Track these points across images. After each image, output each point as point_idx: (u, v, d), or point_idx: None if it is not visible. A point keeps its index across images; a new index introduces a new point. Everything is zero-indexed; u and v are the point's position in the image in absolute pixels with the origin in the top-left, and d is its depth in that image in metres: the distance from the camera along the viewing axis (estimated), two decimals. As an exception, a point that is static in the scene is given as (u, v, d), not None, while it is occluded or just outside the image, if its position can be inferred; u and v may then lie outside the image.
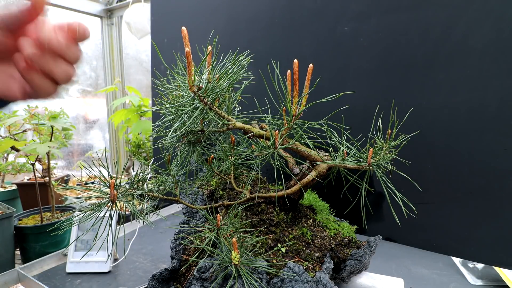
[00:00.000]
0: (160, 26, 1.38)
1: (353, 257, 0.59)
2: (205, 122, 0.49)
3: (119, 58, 2.58)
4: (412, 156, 0.81)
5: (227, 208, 0.60)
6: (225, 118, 0.49)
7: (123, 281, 0.77)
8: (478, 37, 0.76)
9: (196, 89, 0.44)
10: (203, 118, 0.48)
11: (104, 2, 2.48)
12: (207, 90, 0.44)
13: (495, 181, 0.77)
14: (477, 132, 0.78)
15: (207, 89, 0.44)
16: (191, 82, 0.43)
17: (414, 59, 0.84)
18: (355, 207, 0.58)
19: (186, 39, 0.42)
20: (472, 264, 0.81)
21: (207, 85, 0.44)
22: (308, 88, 0.45)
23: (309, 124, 0.47)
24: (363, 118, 0.69)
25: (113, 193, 0.45)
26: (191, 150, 0.50)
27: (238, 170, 0.62)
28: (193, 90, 0.44)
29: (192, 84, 0.43)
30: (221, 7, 1.17)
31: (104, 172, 0.48)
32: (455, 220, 0.83)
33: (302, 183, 0.56)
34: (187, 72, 0.42)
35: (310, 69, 0.44)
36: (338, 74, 0.95)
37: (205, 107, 0.45)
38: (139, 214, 0.51)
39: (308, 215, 0.65)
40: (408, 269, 0.81)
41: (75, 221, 0.47)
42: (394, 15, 0.85)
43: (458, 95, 0.79)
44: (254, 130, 0.51)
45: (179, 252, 0.60)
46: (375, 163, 0.49)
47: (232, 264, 0.44)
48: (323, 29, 0.96)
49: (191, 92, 0.44)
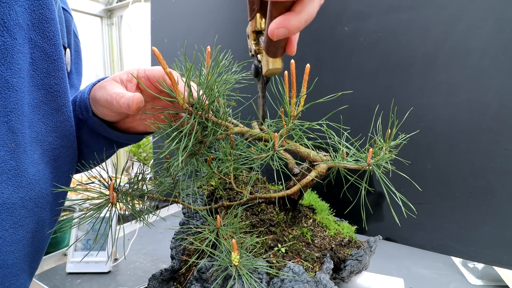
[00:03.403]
0: (160, 26, 1.38)
1: (353, 257, 0.59)
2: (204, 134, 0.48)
3: (119, 58, 2.58)
4: (412, 156, 0.81)
5: (227, 209, 0.60)
6: (223, 125, 0.48)
7: (123, 281, 0.77)
8: (478, 37, 0.76)
9: (188, 106, 0.42)
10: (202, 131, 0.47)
11: (104, 2, 2.48)
12: (200, 103, 0.43)
13: (495, 181, 0.77)
14: (477, 132, 0.78)
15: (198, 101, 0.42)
16: (181, 101, 0.41)
17: (414, 59, 0.84)
18: (355, 207, 0.58)
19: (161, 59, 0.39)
20: (472, 264, 0.81)
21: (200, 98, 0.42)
22: (306, 89, 0.44)
23: (308, 124, 0.47)
24: (362, 118, 0.69)
25: (113, 195, 0.45)
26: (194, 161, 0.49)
27: (237, 171, 0.62)
28: (185, 108, 0.42)
29: (183, 102, 0.42)
30: (221, 7, 1.17)
31: (103, 173, 0.48)
32: (455, 220, 0.83)
33: (301, 183, 0.56)
34: (175, 92, 0.41)
35: (307, 69, 0.44)
36: (338, 74, 0.95)
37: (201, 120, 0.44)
38: (139, 215, 0.51)
39: (308, 215, 0.65)
40: (408, 269, 0.81)
41: (74, 222, 0.47)
42: (394, 15, 0.85)
43: (458, 95, 0.79)
44: (253, 132, 0.51)
45: (179, 252, 0.60)
46: (375, 163, 0.49)
47: (232, 265, 0.44)
48: (323, 29, 0.96)
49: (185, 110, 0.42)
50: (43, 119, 0.48)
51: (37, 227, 0.48)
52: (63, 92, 0.49)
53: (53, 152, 0.50)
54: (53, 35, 0.47)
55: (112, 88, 0.51)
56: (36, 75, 0.46)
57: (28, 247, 0.47)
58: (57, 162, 0.51)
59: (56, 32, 0.47)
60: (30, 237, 0.47)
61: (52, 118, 0.49)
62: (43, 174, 0.48)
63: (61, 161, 0.51)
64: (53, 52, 0.47)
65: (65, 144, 0.52)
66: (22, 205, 0.44)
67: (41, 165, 0.48)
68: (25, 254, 0.47)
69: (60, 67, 0.48)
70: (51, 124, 0.49)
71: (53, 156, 0.50)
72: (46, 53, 0.46)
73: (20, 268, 0.46)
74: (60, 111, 0.50)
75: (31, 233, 0.47)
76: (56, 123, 0.50)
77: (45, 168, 0.48)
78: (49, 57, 0.47)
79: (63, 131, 0.51)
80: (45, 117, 0.48)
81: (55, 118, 0.49)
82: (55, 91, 0.48)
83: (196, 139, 0.46)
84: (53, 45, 0.47)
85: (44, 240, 0.51)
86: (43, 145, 0.48)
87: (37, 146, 0.47)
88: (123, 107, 0.47)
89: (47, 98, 0.48)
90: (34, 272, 0.52)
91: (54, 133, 0.50)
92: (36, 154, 0.47)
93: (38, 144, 0.47)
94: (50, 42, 0.46)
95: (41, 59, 0.46)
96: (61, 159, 0.51)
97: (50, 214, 0.51)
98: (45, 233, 0.50)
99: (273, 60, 0.46)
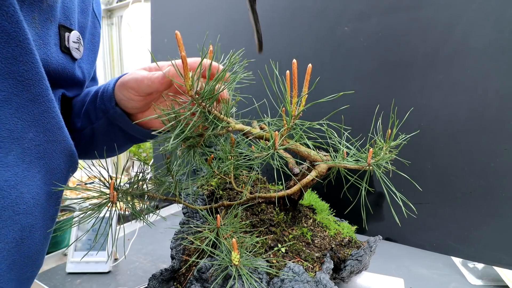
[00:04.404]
0: (160, 26, 1.38)
1: (353, 257, 0.59)
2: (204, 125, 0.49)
3: (119, 58, 2.58)
4: (412, 156, 0.81)
5: (227, 208, 0.60)
6: (224, 121, 0.49)
7: (123, 281, 0.77)
8: (478, 37, 0.76)
9: (194, 93, 0.43)
10: (202, 122, 0.47)
11: (104, 2, 2.48)
12: (205, 93, 0.43)
13: (495, 181, 0.77)
14: (477, 132, 0.78)
15: (205, 91, 0.43)
16: (188, 87, 0.42)
17: (414, 59, 0.84)
18: (355, 207, 0.58)
19: (181, 42, 0.41)
20: (472, 264, 0.81)
21: (206, 88, 0.43)
22: (307, 88, 0.44)
23: (309, 124, 0.47)
24: (363, 118, 0.69)
25: (113, 194, 0.45)
26: (191, 153, 0.50)
27: (238, 170, 0.62)
28: (190, 94, 0.43)
29: (190, 89, 0.42)
30: (221, 7, 1.17)
31: (104, 172, 0.48)
32: (455, 220, 0.83)
33: (302, 183, 0.56)
34: (184, 76, 0.41)
35: (309, 69, 0.44)
36: (338, 74, 0.95)
37: (204, 111, 0.45)
38: (139, 214, 0.51)
39: (308, 215, 0.65)
40: (408, 269, 0.81)
41: (74, 222, 0.47)
42: (394, 15, 0.85)
43: (458, 95, 0.79)
44: (254, 131, 0.51)
45: (179, 252, 0.60)
46: (375, 163, 0.49)
47: (232, 264, 0.44)
48: (323, 29, 0.96)
49: (189, 97, 0.43)
50: (16, 113, 0.41)
51: (22, 235, 0.44)
52: (37, 79, 0.42)
53: (36, 149, 0.44)
54: (13, 9, 0.38)
55: (142, 71, 0.53)
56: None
57: (13, 256, 0.43)
58: (43, 160, 0.45)
59: (14, 3, 0.38)
60: (14, 246, 0.43)
61: (27, 111, 0.42)
62: (23, 176, 0.43)
63: (48, 157, 0.46)
64: (17, 32, 0.39)
65: (50, 139, 0.46)
66: None
67: (20, 166, 0.42)
68: (9, 264, 0.43)
69: (28, 49, 0.40)
70: (28, 118, 0.42)
71: (37, 154, 0.44)
72: (8, 34, 0.38)
73: (5, 280, 0.43)
74: (36, 101, 0.43)
75: (14, 242, 0.43)
76: (34, 115, 0.43)
77: (28, 169, 0.43)
78: (12, 38, 0.38)
79: (45, 124, 0.44)
80: (18, 111, 0.41)
81: (31, 111, 0.43)
82: (26, 79, 0.41)
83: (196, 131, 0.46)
84: (15, 23, 0.38)
85: (37, 243, 0.47)
86: (22, 143, 0.42)
87: (13, 146, 0.41)
88: (155, 82, 0.48)
89: (18, 88, 0.41)
90: (32, 275, 0.49)
91: (34, 127, 0.43)
92: (11, 155, 0.41)
93: (14, 143, 0.41)
94: (10, 20, 0.38)
95: (2, 42, 0.38)
96: (48, 155, 0.46)
97: (42, 217, 0.47)
98: (37, 237, 0.47)
99: None
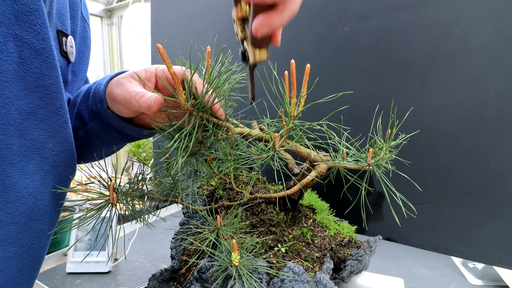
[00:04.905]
0: (160, 26, 1.38)
1: (353, 257, 0.59)
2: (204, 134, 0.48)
3: (119, 58, 2.58)
4: (412, 156, 0.81)
5: (227, 209, 0.60)
6: (224, 127, 0.48)
7: (123, 281, 0.77)
8: (478, 37, 0.76)
9: (190, 106, 0.42)
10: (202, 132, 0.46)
11: (104, 2, 2.48)
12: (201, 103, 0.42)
13: (495, 181, 0.76)
14: (477, 132, 0.78)
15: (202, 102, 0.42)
16: (183, 101, 0.41)
17: (414, 59, 0.84)
18: (355, 207, 0.58)
19: (165, 56, 0.37)
20: (472, 264, 0.81)
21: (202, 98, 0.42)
22: (306, 89, 0.44)
23: (309, 124, 0.47)
24: (362, 118, 0.69)
25: (113, 195, 0.45)
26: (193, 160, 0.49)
27: (238, 171, 0.62)
28: (187, 108, 0.42)
29: (185, 103, 0.41)
30: (221, 7, 1.17)
31: (103, 173, 0.48)
32: (455, 220, 0.83)
33: (302, 183, 0.56)
34: (177, 92, 0.40)
35: (307, 69, 0.44)
36: (338, 74, 0.95)
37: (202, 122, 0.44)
38: (139, 215, 0.51)
39: (308, 215, 0.65)
40: (408, 269, 0.81)
41: (74, 223, 0.47)
42: (394, 15, 0.85)
43: (458, 95, 0.79)
44: (253, 133, 0.51)
45: (179, 252, 0.60)
46: (375, 163, 0.48)
47: (232, 265, 0.44)
48: (323, 29, 0.96)
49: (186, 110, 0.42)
50: (40, 125, 0.43)
51: (33, 240, 0.45)
52: (59, 92, 0.45)
53: (54, 158, 0.46)
54: (40, 28, 0.41)
55: (131, 86, 0.48)
56: (28, 77, 0.41)
57: (24, 260, 0.44)
58: (57, 169, 0.47)
59: (43, 24, 0.41)
60: (26, 251, 0.44)
61: (50, 122, 0.45)
62: (40, 184, 0.44)
63: (62, 166, 0.48)
64: (44, 49, 0.42)
65: (65, 149, 0.48)
66: (10, 221, 0.41)
67: (38, 174, 0.44)
68: (21, 269, 0.44)
69: (53, 64, 0.43)
70: (50, 129, 0.45)
71: (54, 163, 0.46)
72: (37, 50, 0.41)
73: (14, 284, 0.43)
74: (58, 114, 0.45)
75: (26, 247, 0.44)
76: (55, 127, 0.46)
77: (44, 177, 0.45)
78: (40, 54, 0.41)
79: (62, 135, 0.47)
80: (42, 123, 0.43)
81: (53, 122, 0.45)
82: (51, 93, 0.44)
83: (197, 139, 0.46)
84: (43, 40, 0.41)
85: (43, 248, 0.48)
86: (42, 153, 0.44)
87: (34, 155, 0.43)
88: (143, 107, 0.44)
89: (43, 101, 0.43)
90: (35, 278, 0.49)
91: (54, 138, 0.45)
92: (31, 164, 0.43)
93: (36, 153, 0.43)
94: (38, 37, 0.41)
95: (31, 58, 0.41)
96: (61, 164, 0.48)
97: (49, 223, 0.48)
98: (43, 242, 0.47)
99: (259, 51, 0.46)
